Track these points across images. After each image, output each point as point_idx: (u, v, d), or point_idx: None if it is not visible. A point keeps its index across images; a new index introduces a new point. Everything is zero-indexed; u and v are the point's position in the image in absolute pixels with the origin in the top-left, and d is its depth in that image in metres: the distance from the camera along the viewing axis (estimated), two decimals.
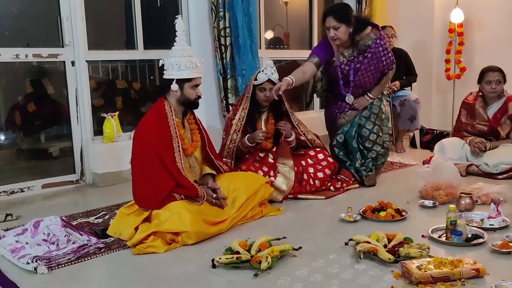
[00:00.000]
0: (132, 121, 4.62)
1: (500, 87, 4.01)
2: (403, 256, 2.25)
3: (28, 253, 2.40)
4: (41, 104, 4.32)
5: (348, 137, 3.76)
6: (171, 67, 2.81)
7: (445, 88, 5.97)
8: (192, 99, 2.86)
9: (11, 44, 3.70)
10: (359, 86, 3.69)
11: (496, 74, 3.98)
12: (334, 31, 3.51)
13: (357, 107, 3.73)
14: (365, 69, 3.62)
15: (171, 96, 2.86)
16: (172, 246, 2.52)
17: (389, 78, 3.80)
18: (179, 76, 2.78)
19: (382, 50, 3.60)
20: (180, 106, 2.89)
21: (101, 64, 4.47)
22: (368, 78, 3.66)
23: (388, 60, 3.65)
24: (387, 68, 3.67)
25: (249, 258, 2.27)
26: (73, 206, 3.47)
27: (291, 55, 5.84)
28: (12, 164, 4.25)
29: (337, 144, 3.81)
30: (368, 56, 3.58)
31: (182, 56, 2.80)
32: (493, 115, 4.07)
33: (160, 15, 4.70)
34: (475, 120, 4.14)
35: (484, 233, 2.55)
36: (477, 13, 5.62)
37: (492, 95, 4.04)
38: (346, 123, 3.78)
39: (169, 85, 2.80)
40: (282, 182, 3.37)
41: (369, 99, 3.72)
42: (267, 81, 3.41)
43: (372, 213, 2.96)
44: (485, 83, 4.02)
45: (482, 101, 4.11)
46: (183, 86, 2.81)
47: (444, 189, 3.23)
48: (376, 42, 3.58)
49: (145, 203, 2.68)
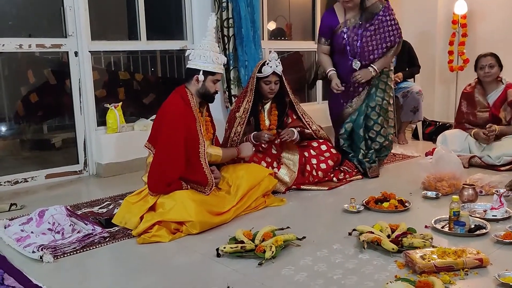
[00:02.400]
0: (134, 112, 4.63)
1: (494, 71, 4.03)
2: (407, 246, 2.26)
3: (33, 242, 2.42)
4: (43, 95, 4.32)
5: (356, 125, 3.76)
6: (198, 58, 2.88)
7: (448, 79, 5.96)
8: (211, 92, 2.94)
9: (14, 34, 3.70)
10: (364, 55, 3.66)
11: (488, 59, 4.05)
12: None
13: (359, 78, 3.67)
14: (371, 36, 3.62)
15: (191, 86, 2.91)
16: (176, 235, 2.54)
17: (395, 52, 3.75)
18: (205, 67, 2.87)
19: (390, 20, 3.62)
20: (198, 97, 2.94)
21: (104, 55, 4.47)
22: (373, 47, 3.64)
23: (395, 32, 3.65)
24: (393, 40, 3.66)
25: (253, 247, 2.28)
26: (77, 196, 3.48)
27: (294, 46, 5.83)
28: (15, 154, 4.27)
29: (344, 133, 3.80)
30: (375, 23, 3.61)
31: (210, 50, 2.89)
32: (493, 103, 4.09)
33: (163, 5, 4.69)
34: (476, 108, 4.14)
35: (487, 224, 2.56)
36: (481, 5, 5.59)
37: (486, 80, 4.07)
38: (353, 112, 3.77)
39: (192, 74, 2.88)
40: (285, 174, 3.38)
41: (373, 71, 3.66)
42: (272, 74, 3.41)
43: (375, 204, 2.97)
44: (479, 69, 4.10)
45: (481, 89, 4.14)
46: (206, 78, 2.88)
47: (447, 181, 3.24)
48: (384, 11, 3.61)
49: (154, 184, 2.71)
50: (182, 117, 2.82)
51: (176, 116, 2.81)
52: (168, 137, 2.78)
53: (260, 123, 3.51)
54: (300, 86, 6.16)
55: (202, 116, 3.01)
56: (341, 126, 3.83)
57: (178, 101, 2.87)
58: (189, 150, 2.80)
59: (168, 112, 2.85)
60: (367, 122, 3.77)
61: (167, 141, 2.78)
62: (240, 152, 3.16)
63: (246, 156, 3.20)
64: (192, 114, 2.86)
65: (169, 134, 2.79)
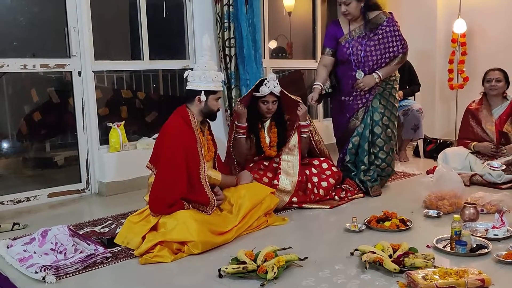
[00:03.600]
0: (137, 130, 4.66)
1: (501, 85, 4.13)
2: (409, 266, 2.26)
3: (36, 262, 2.43)
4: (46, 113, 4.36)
5: (362, 138, 3.77)
6: (198, 79, 2.92)
7: (449, 97, 6.00)
8: (214, 110, 2.98)
9: (19, 55, 3.74)
10: (368, 65, 3.69)
11: (496, 73, 4.15)
12: (345, 7, 3.63)
13: (362, 86, 3.69)
14: (375, 46, 3.67)
15: (193, 106, 2.94)
16: (178, 255, 2.55)
17: (400, 62, 3.75)
18: (206, 87, 2.91)
19: (394, 31, 3.67)
20: (200, 116, 2.97)
21: (106, 74, 4.51)
22: (377, 57, 3.68)
23: (399, 43, 3.69)
24: (397, 51, 3.69)
25: (255, 268, 2.28)
26: (79, 215, 3.49)
27: (295, 65, 5.88)
28: (18, 172, 4.29)
29: (352, 148, 3.80)
30: (379, 33, 3.66)
31: (209, 69, 2.93)
32: (498, 118, 4.15)
33: (165, 25, 4.75)
34: (483, 123, 4.20)
35: (489, 243, 2.56)
36: (480, 24, 5.66)
37: (492, 93, 4.15)
38: (359, 125, 3.79)
39: (193, 95, 2.91)
40: (286, 183, 3.36)
41: (377, 78, 3.68)
42: (269, 94, 3.45)
43: (377, 223, 2.97)
44: (486, 81, 4.18)
45: (487, 104, 4.20)
46: (208, 98, 2.91)
47: (448, 199, 3.25)
48: (388, 21, 3.67)
49: (155, 205, 2.72)
50: (183, 138, 2.83)
51: (176, 137, 2.83)
52: (169, 158, 2.80)
53: (260, 141, 3.55)
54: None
55: (203, 135, 3.03)
56: (348, 141, 3.84)
57: (179, 121, 2.89)
58: (190, 171, 2.82)
59: (169, 133, 2.87)
60: (372, 136, 3.78)
61: (168, 162, 2.80)
62: (239, 181, 3.17)
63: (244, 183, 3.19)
64: (193, 135, 2.88)
65: (169, 155, 2.80)
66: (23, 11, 4.00)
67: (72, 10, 3.83)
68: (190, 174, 2.81)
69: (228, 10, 4.41)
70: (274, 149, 3.57)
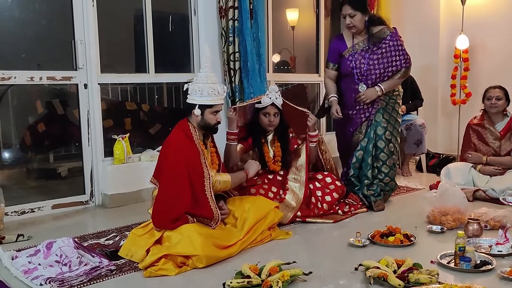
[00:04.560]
0: (141, 142, 4.68)
1: (501, 103, 4.14)
2: (413, 282, 2.26)
3: (41, 274, 2.43)
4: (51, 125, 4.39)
5: (366, 152, 3.78)
6: (194, 93, 2.92)
7: (451, 112, 6.03)
8: (212, 124, 2.97)
9: (26, 67, 3.78)
10: (371, 78, 3.71)
11: (497, 91, 4.16)
12: (350, 19, 3.65)
13: (363, 99, 3.71)
14: (378, 60, 3.69)
15: (193, 119, 2.96)
16: (183, 269, 2.55)
17: (402, 76, 3.77)
18: (201, 102, 2.90)
19: (397, 45, 3.69)
20: (201, 129, 2.98)
21: (111, 86, 4.55)
22: (380, 70, 3.70)
23: (402, 57, 3.71)
24: (400, 65, 3.71)
25: (259, 282, 2.29)
26: (83, 227, 3.50)
27: (298, 79, 5.92)
28: (22, 183, 4.30)
29: (356, 162, 3.81)
30: (382, 47, 3.69)
31: (205, 82, 2.91)
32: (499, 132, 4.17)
33: (171, 39, 4.80)
34: (487, 138, 4.22)
35: (493, 260, 2.56)
36: (483, 39, 5.70)
37: (492, 111, 4.17)
38: (363, 139, 3.80)
39: (191, 109, 2.92)
40: (291, 199, 3.40)
41: (379, 91, 3.70)
42: (270, 106, 3.46)
43: (380, 238, 2.98)
44: (486, 99, 4.20)
45: (489, 120, 4.22)
46: (204, 112, 2.91)
47: (452, 215, 3.25)
48: (391, 36, 3.70)
49: (159, 220, 2.73)
50: (184, 152, 2.84)
51: (178, 151, 2.83)
52: (171, 173, 2.81)
53: (264, 155, 3.55)
54: None
55: (206, 148, 3.04)
56: (352, 155, 3.85)
57: (180, 135, 2.90)
58: (194, 184, 2.81)
59: (170, 147, 2.88)
60: (375, 150, 3.79)
61: (170, 177, 2.81)
62: (248, 172, 3.18)
63: (254, 173, 3.23)
64: (195, 147, 2.88)
65: (172, 170, 2.81)
66: (31, 23, 4.05)
67: (79, 23, 3.87)
68: (193, 187, 2.81)
69: (233, 25, 4.46)
70: (278, 164, 3.57)
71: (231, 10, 4.44)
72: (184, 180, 2.79)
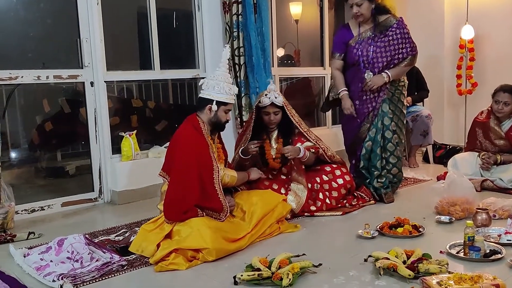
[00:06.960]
0: (147, 139, 4.70)
1: (508, 109, 4.03)
2: (423, 272, 2.27)
3: (53, 270, 2.46)
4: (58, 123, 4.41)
5: (374, 142, 3.78)
6: (212, 88, 2.96)
7: (457, 103, 6.00)
8: (222, 121, 3.02)
9: (33, 66, 3.80)
10: (378, 66, 3.69)
11: (506, 96, 4.01)
12: (357, 8, 3.63)
13: (370, 85, 3.68)
14: (384, 48, 3.67)
15: (203, 114, 2.99)
16: (193, 263, 2.57)
17: (409, 64, 3.74)
18: (218, 98, 2.95)
19: (403, 33, 3.68)
20: (209, 125, 3.01)
21: (117, 84, 4.57)
22: (386, 58, 3.68)
23: (408, 45, 3.69)
24: (406, 52, 3.69)
25: (270, 275, 2.30)
26: (93, 224, 3.53)
27: (303, 72, 5.92)
28: (31, 182, 4.34)
29: (366, 153, 3.81)
30: (388, 35, 3.67)
31: (223, 81, 2.98)
32: (505, 132, 4.10)
33: (175, 35, 4.81)
34: (491, 137, 4.16)
35: (502, 249, 2.57)
36: (488, 29, 5.67)
37: (498, 115, 4.10)
38: (371, 129, 3.78)
39: (204, 103, 2.96)
40: (292, 200, 3.38)
41: (386, 77, 3.67)
42: (270, 105, 3.46)
43: (389, 229, 2.98)
44: (494, 101, 4.10)
45: (496, 118, 4.15)
46: (219, 108, 2.96)
47: (460, 205, 3.25)
48: (398, 24, 3.68)
49: (170, 212, 2.76)
50: (194, 145, 2.88)
51: (188, 145, 2.87)
52: (181, 166, 2.84)
53: (266, 153, 3.53)
54: (309, 111, 6.23)
55: (213, 143, 3.07)
56: (360, 147, 3.83)
57: (190, 129, 2.94)
58: (203, 177, 2.85)
59: (180, 141, 2.92)
60: (383, 141, 3.78)
61: (181, 170, 2.84)
62: (250, 175, 3.27)
63: (254, 178, 3.31)
64: (205, 141, 2.92)
65: (182, 163, 2.84)
66: (36, 23, 4.08)
67: (85, 22, 3.89)
68: (203, 180, 2.85)
69: (237, 20, 4.46)
70: (278, 161, 3.54)
71: (235, 5, 4.44)
72: (194, 172, 2.82)
